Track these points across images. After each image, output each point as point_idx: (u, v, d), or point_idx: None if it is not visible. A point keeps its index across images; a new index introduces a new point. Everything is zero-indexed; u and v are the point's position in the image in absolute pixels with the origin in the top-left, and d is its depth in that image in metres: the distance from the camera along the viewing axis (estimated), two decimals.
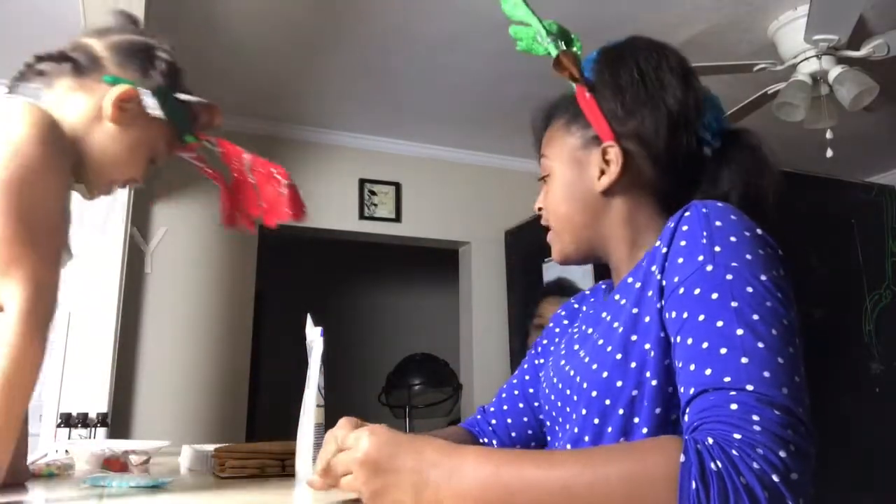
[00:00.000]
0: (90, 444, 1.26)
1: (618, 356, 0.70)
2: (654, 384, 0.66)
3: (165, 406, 2.97)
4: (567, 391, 0.78)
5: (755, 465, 0.49)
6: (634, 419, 0.68)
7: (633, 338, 0.69)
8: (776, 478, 0.49)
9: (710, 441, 0.51)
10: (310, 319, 0.91)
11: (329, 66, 2.90)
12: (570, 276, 2.54)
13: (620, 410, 0.69)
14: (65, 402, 2.36)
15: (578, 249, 0.83)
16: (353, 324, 5.29)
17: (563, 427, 0.79)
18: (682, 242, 0.66)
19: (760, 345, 0.56)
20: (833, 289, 2.53)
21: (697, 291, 0.62)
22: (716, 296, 0.60)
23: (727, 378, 0.55)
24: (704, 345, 0.58)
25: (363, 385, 4.46)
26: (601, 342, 0.74)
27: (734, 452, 0.50)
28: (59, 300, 0.75)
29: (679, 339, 0.62)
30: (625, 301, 0.73)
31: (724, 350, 0.57)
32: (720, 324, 0.58)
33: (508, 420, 0.96)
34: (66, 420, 2.10)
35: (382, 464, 0.57)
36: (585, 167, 0.81)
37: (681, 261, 0.65)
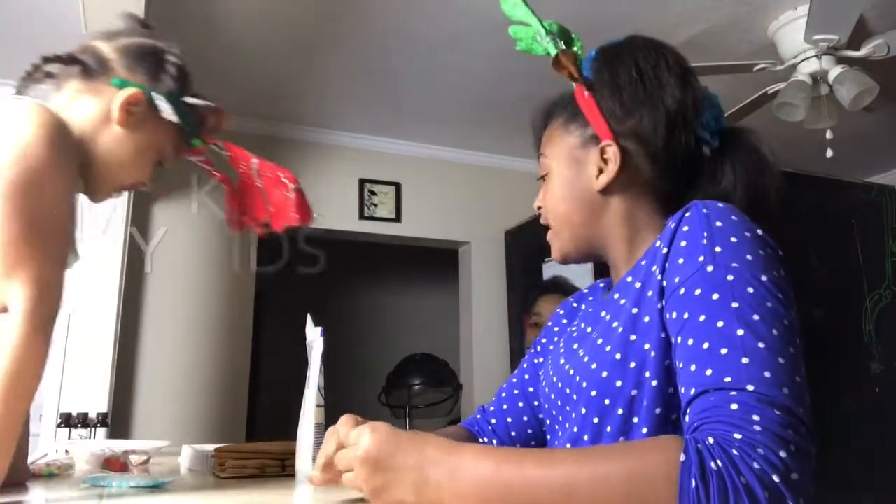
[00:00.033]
0: (90, 444, 1.26)
1: (617, 356, 0.70)
2: (655, 384, 0.66)
3: (165, 406, 2.97)
4: (567, 390, 0.78)
5: (755, 465, 0.49)
6: (634, 419, 0.68)
7: (633, 338, 0.69)
8: (776, 478, 0.49)
9: (711, 440, 0.51)
10: (310, 319, 0.91)
11: (329, 66, 2.90)
12: (567, 275, 2.53)
13: (619, 410, 0.69)
14: (65, 402, 2.36)
15: (577, 248, 0.83)
16: (353, 324, 5.29)
17: (563, 426, 0.79)
18: (683, 243, 0.66)
19: (761, 345, 0.56)
20: (833, 289, 2.53)
21: (698, 292, 0.62)
22: (716, 296, 0.60)
23: (728, 378, 0.55)
24: (705, 345, 0.58)
25: (363, 385, 4.45)
26: (600, 342, 0.73)
27: (734, 452, 0.50)
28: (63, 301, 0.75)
29: (680, 340, 0.62)
30: (624, 301, 0.73)
31: (725, 350, 0.57)
32: (721, 324, 0.58)
33: (508, 419, 0.96)
34: (66, 420, 2.10)
35: (383, 461, 0.57)
36: (584, 166, 0.80)
37: (681, 261, 0.65)
